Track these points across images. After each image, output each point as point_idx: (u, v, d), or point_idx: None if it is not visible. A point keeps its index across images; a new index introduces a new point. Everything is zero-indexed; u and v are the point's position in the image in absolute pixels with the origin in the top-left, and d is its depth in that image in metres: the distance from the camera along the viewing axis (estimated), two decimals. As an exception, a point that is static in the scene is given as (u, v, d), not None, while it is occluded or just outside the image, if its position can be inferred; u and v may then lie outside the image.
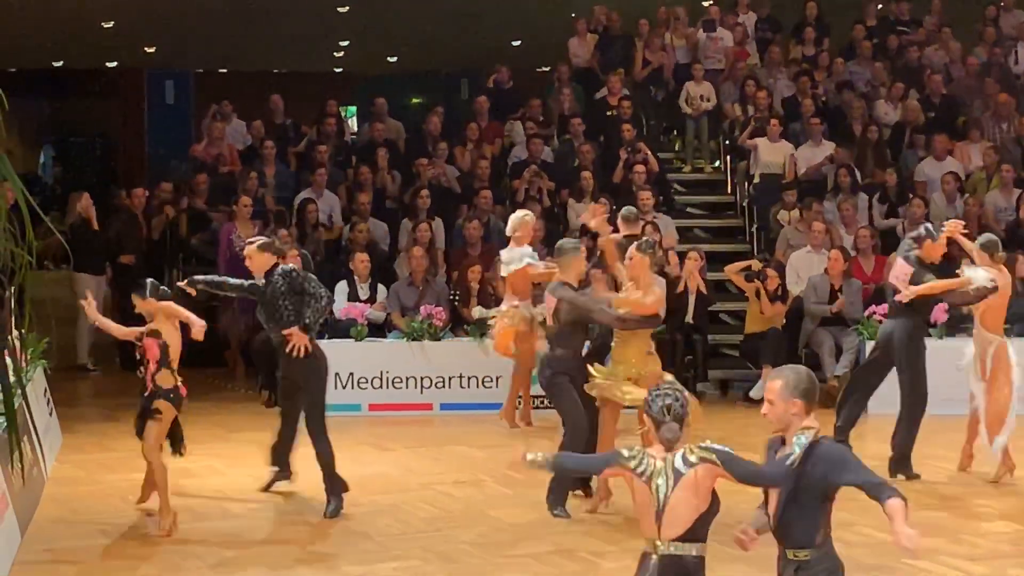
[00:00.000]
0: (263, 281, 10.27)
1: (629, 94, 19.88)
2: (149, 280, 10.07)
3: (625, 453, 5.99)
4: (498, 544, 9.48)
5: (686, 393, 6.09)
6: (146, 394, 9.80)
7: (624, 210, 13.30)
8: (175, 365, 9.83)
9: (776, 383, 5.97)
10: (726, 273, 15.89)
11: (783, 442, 5.99)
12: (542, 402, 13.40)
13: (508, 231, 13.47)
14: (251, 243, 10.56)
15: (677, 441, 5.89)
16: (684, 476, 5.82)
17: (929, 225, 12.09)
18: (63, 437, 12.86)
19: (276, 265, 10.30)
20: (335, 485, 10.27)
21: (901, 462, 11.58)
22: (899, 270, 11.73)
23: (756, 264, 16.07)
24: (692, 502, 5.83)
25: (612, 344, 10.47)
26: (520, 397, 13.92)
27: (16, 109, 4.78)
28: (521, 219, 13.40)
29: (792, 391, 5.92)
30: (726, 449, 5.89)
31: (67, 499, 10.51)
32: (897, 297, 11.65)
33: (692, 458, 5.84)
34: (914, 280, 11.40)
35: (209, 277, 10.95)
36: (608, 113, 19.50)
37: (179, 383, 9.84)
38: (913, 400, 11.65)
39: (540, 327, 12.14)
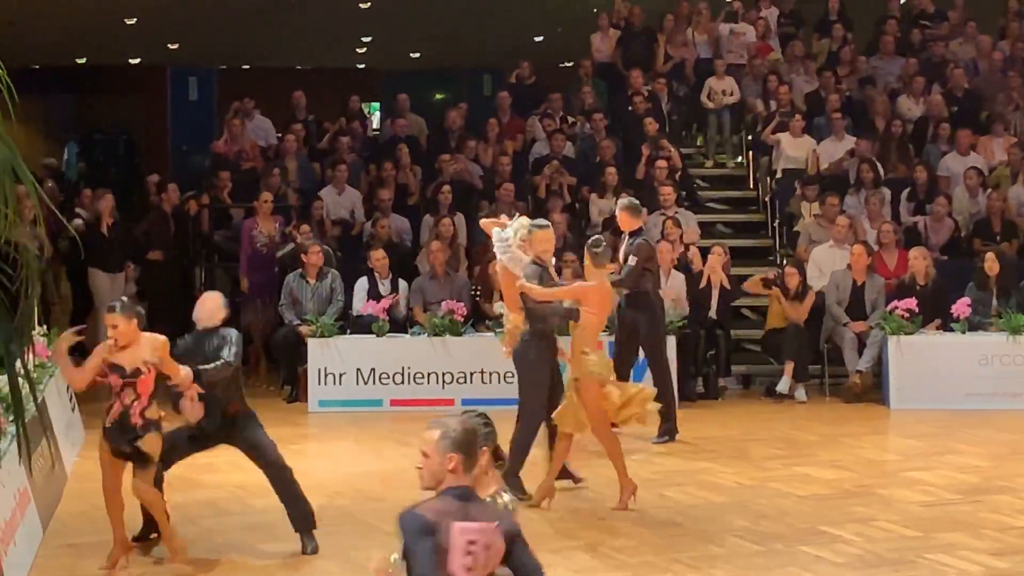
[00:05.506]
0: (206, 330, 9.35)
1: (651, 90, 19.86)
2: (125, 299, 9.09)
3: None
4: (519, 539, 9.47)
5: None
6: (132, 431, 8.99)
7: (628, 202, 12.70)
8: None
9: (433, 433, 5.26)
10: (748, 288, 15.91)
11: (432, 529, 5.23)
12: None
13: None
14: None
15: None
16: None
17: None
18: (85, 433, 12.91)
19: None
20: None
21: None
22: None
23: (770, 273, 16.05)
24: None
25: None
26: None
27: (40, 106, 4.77)
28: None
29: (450, 444, 5.22)
30: None
31: (88, 494, 10.52)
32: None
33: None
34: None
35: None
36: (629, 108, 19.47)
37: (162, 413, 9.00)
38: None
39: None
